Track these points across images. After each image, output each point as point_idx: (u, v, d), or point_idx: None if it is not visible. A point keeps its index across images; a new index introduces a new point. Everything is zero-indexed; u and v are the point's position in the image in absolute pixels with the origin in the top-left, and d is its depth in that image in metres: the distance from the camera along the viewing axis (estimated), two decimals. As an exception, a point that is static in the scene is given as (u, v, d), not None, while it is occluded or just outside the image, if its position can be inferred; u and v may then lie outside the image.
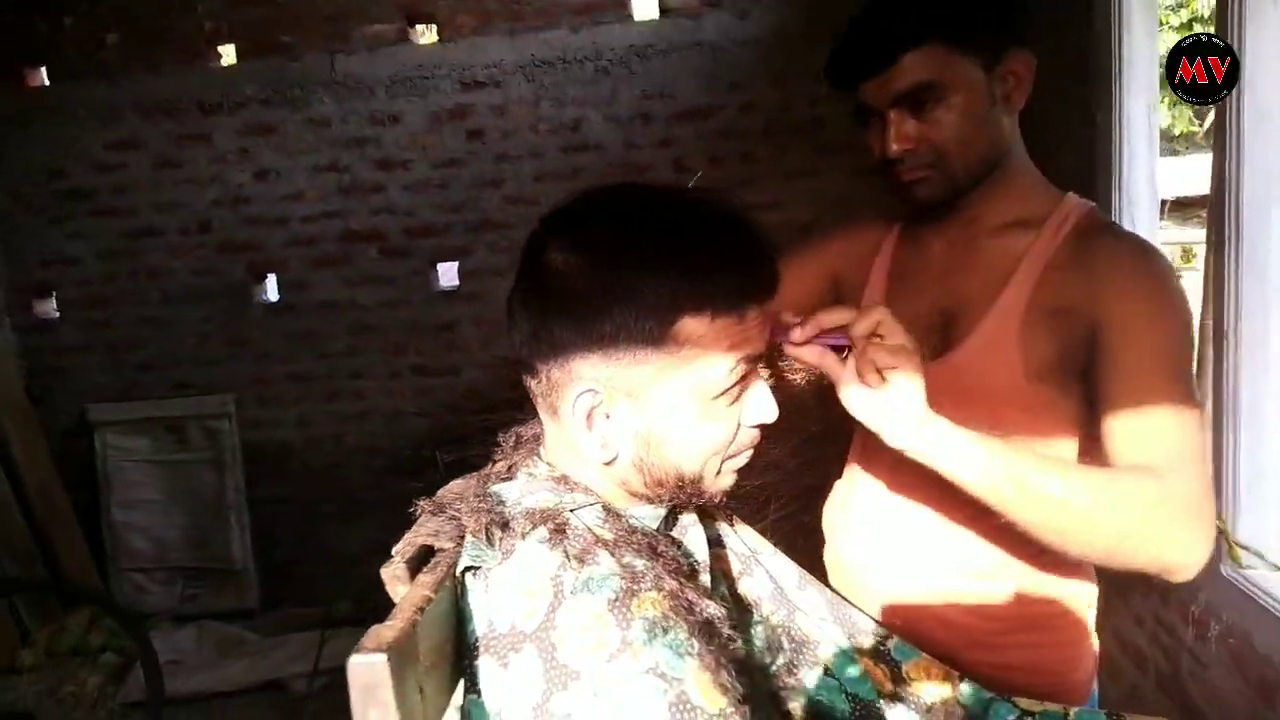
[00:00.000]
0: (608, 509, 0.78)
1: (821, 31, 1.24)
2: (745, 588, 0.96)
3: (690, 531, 0.87)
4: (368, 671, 0.60)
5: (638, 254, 0.71)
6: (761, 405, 0.79)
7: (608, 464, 0.78)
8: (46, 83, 3.67)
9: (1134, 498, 0.90)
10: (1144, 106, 1.99)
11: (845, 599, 1.00)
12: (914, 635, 1.13)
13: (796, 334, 0.86)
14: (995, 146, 1.06)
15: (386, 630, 0.63)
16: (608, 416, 0.75)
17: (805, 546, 1.34)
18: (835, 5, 1.22)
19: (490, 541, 0.74)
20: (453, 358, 3.66)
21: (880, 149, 1.06)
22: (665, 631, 0.66)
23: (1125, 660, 2.08)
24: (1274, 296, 1.51)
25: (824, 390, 1.87)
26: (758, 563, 0.98)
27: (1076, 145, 2.17)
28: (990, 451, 0.87)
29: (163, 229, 3.69)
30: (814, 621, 0.96)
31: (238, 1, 3.54)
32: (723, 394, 0.75)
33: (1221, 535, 1.59)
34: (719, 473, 0.80)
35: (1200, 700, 1.72)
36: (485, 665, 0.70)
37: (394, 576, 0.72)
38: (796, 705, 0.91)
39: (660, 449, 0.76)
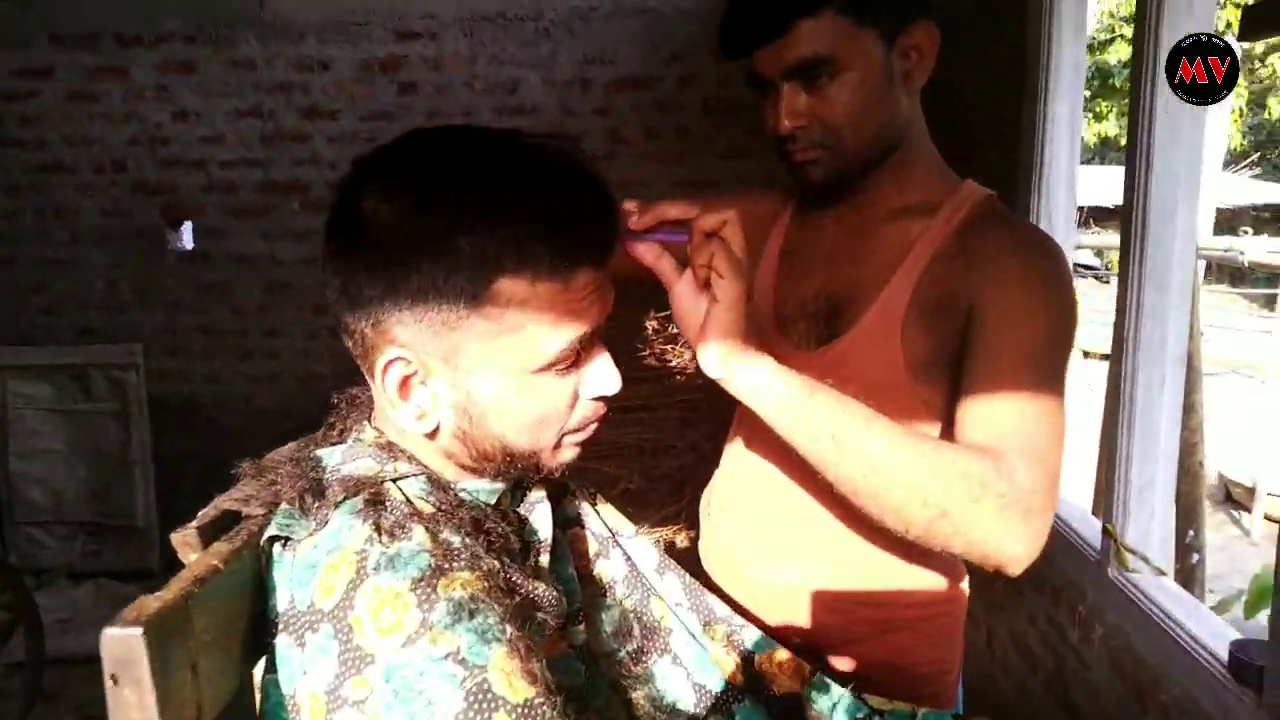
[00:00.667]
0: (434, 480, 0.73)
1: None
2: (600, 569, 0.92)
3: (537, 509, 0.82)
4: (121, 646, 0.54)
5: (452, 204, 0.64)
6: (602, 378, 0.73)
7: (428, 435, 0.72)
8: (-48, 1, 3.46)
9: (961, 475, 0.84)
10: (1068, 109, 1.98)
11: (705, 587, 0.96)
12: (779, 627, 1.10)
13: (634, 220, 0.80)
14: (892, 127, 1.01)
15: (152, 601, 0.57)
16: (424, 384, 0.69)
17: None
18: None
19: (304, 510, 0.69)
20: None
21: (773, 123, 1.00)
22: (472, 615, 0.61)
23: (1017, 658, 2.10)
24: (1173, 306, 1.51)
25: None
26: (616, 544, 0.94)
27: (1002, 141, 2.16)
28: (809, 395, 0.82)
29: (73, 165, 3.52)
30: (668, 607, 0.92)
31: (163, -71, 3.37)
32: (549, 366, 0.69)
33: (1110, 538, 1.60)
34: (557, 446, 0.75)
35: (1082, 701, 1.73)
36: (282, 643, 0.64)
37: (185, 543, 0.66)
38: (640, 694, 0.87)
39: (482, 421, 0.70)
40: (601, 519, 0.95)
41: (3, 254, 3.58)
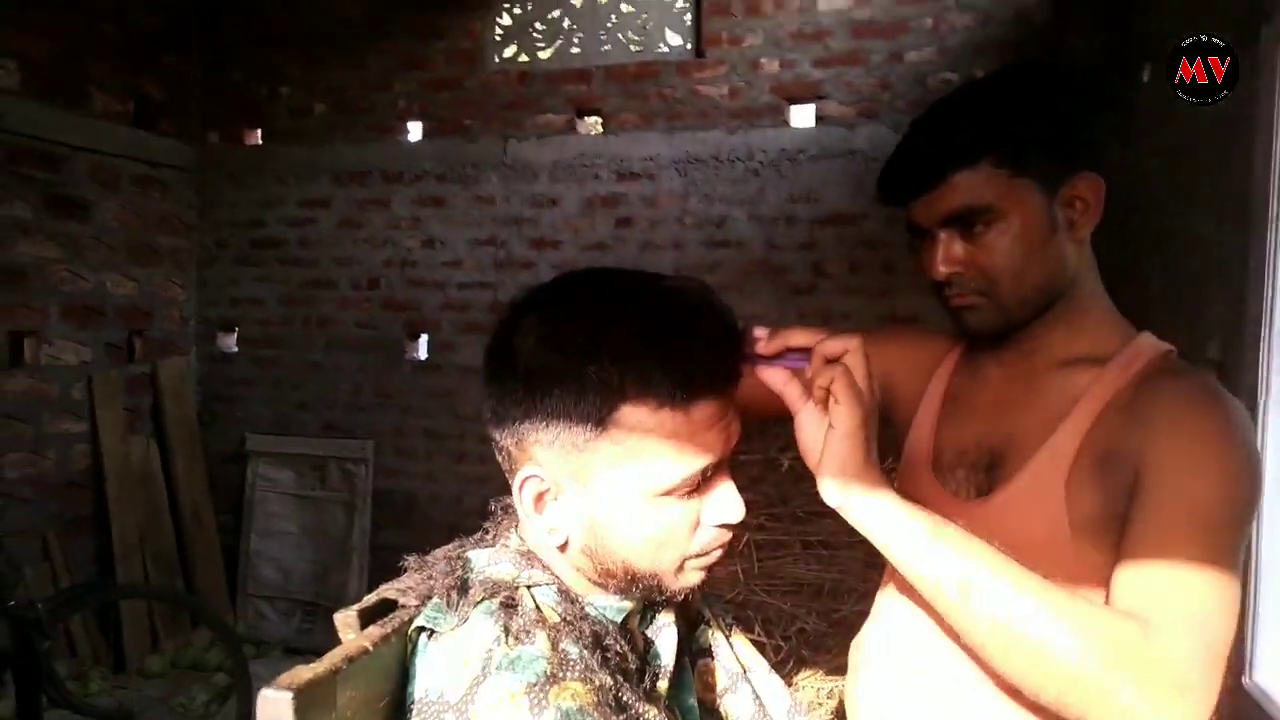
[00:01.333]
0: (564, 591, 0.78)
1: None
2: (727, 704, 0.93)
3: (663, 633, 0.85)
4: (272, 706, 0.62)
5: (583, 337, 0.71)
6: (725, 505, 0.76)
7: (559, 549, 0.78)
8: (260, 142, 4.13)
9: (1101, 638, 0.77)
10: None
11: None
12: None
13: (761, 345, 0.82)
14: (1055, 276, 0.99)
15: (305, 671, 0.65)
16: (556, 500, 0.76)
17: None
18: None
19: (449, 604, 0.76)
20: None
21: (929, 268, 1.01)
22: None
23: None
24: None
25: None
26: (746, 680, 0.94)
27: (1225, 291, 2.01)
28: (933, 534, 0.79)
29: (337, 282, 4.03)
30: None
31: (430, 86, 3.89)
32: (670, 491, 0.73)
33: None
34: (680, 569, 0.77)
35: None
36: None
37: (345, 623, 0.75)
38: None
39: (606, 539, 0.75)
40: (734, 653, 0.96)
41: (271, 354, 4.11)
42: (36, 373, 3.37)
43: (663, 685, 0.81)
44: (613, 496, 0.73)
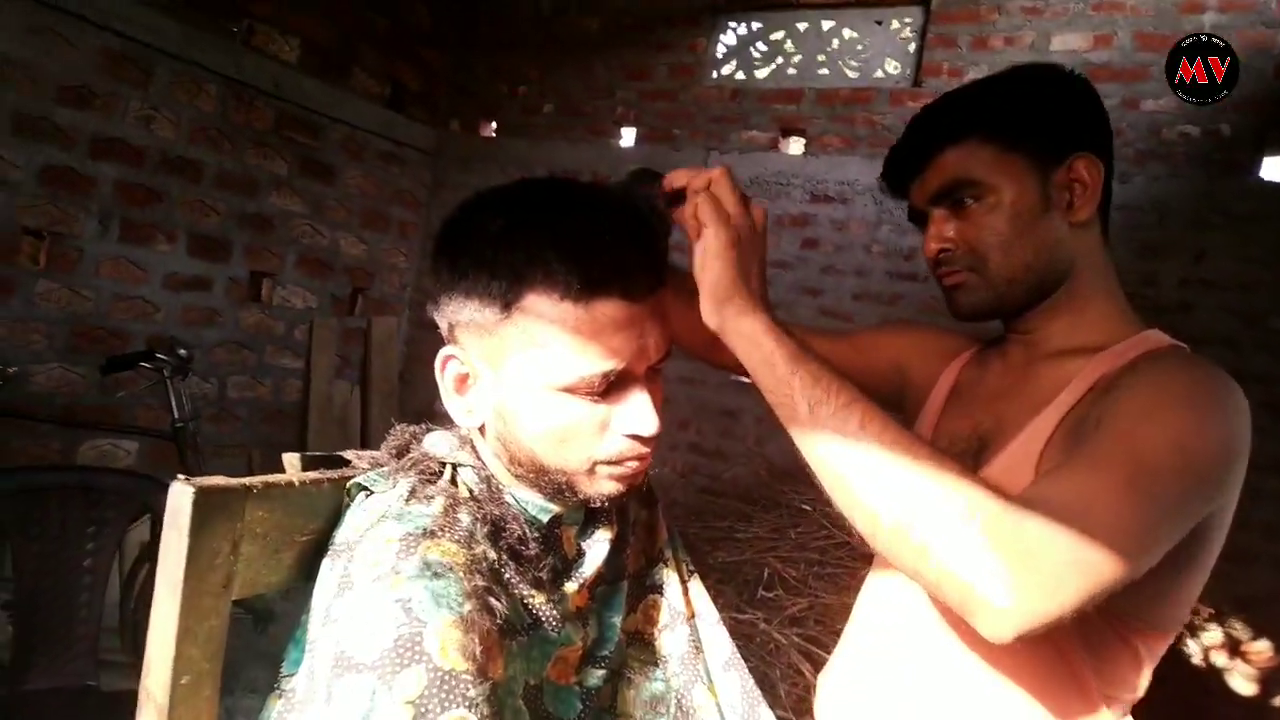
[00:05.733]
0: (488, 478, 0.82)
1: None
2: (663, 640, 0.93)
3: (595, 546, 0.87)
4: (176, 498, 0.71)
5: (502, 225, 0.75)
6: (635, 415, 0.76)
7: (480, 431, 0.82)
8: (494, 135, 4.48)
9: (955, 491, 0.69)
10: None
11: (764, 700, 0.91)
12: None
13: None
14: (1048, 257, 0.95)
15: (218, 479, 0.74)
16: (474, 383, 0.79)
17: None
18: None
19: (389, 471, 0.83)
20: (727, 444, 3.74)
21: (925, 250, 1.01)
22: (436, 577, 0.67)
23: None
24: None
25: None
26: (689, 624, 0.94)
27: None
28: (796, 357, 0.74)
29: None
30: (716, 703, 0.90)
31: (648, 95, 4.06)
32: (573, 387, 0.74)
33: None
34: (592, 474, 0.78)
35: None
36: (323, 566, 0.77)
37: (289, 463, 0.83)
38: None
39: (514, 427, 0.77)
40: (687, 596, 0.96)
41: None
42: (268, 310, 3.84)
43: (570, 586, 0.82)
44: (517, 384, 0.76)
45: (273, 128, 3.71)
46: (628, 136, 4.14)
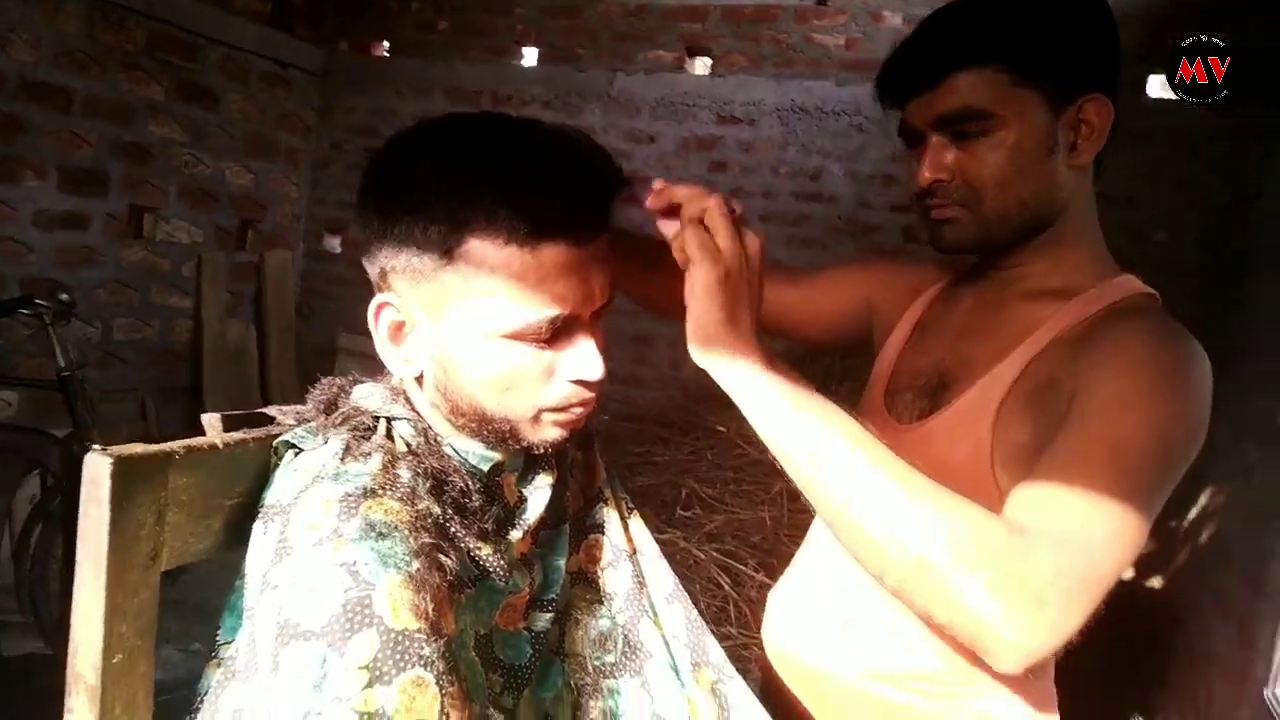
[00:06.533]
0: (424, 430, 0.79)
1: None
2: (606, 578, 0.93)
3: (537, 493, 0.85)
4: (93, 469, 0.66)
5: (438, 167, 0.71)
6: (582, 361, 0.75)
7: (417, 382, 0.78)
8: (386, 54, 4.27)
9: (962, 530, 0.69)
10: None
11: (711, 628, 0.93)
12: None
13: (649, 200, 0.77)
14: (1045, 199, 0.91)
15: (137, 447, 0.69)
16: (411, 332, 0.76)
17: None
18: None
19: (317, 427, 0.79)
20: (642, 371, 3.75)
21: (915, 176, 0.95)
22: (381, 537, 0.65)
23: None
24: None
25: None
26: (631, 560, 0.94)
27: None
28: (794, 402, 0.72)
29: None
30: (661, 635, 0.91)
31: (548, 12, 3.92)
32: (519, 333, 0.72)
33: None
34: (537, 421, 0.77)
35: None
36: (255, 528, 0.73)
37: (209, 424, 0.79)
38: (596, 705, 0.86)
39: (454, 375, 0.75)
40: (628, 533, 0.96)
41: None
42: (152, 246, 3.62)
43: (514, 535, 0.81)
44: (460, 332, 0.73)
45: (145, 49, 3.44)
46: (529, 56, 4.00)
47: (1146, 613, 2.63)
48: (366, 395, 0.82)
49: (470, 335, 0.73)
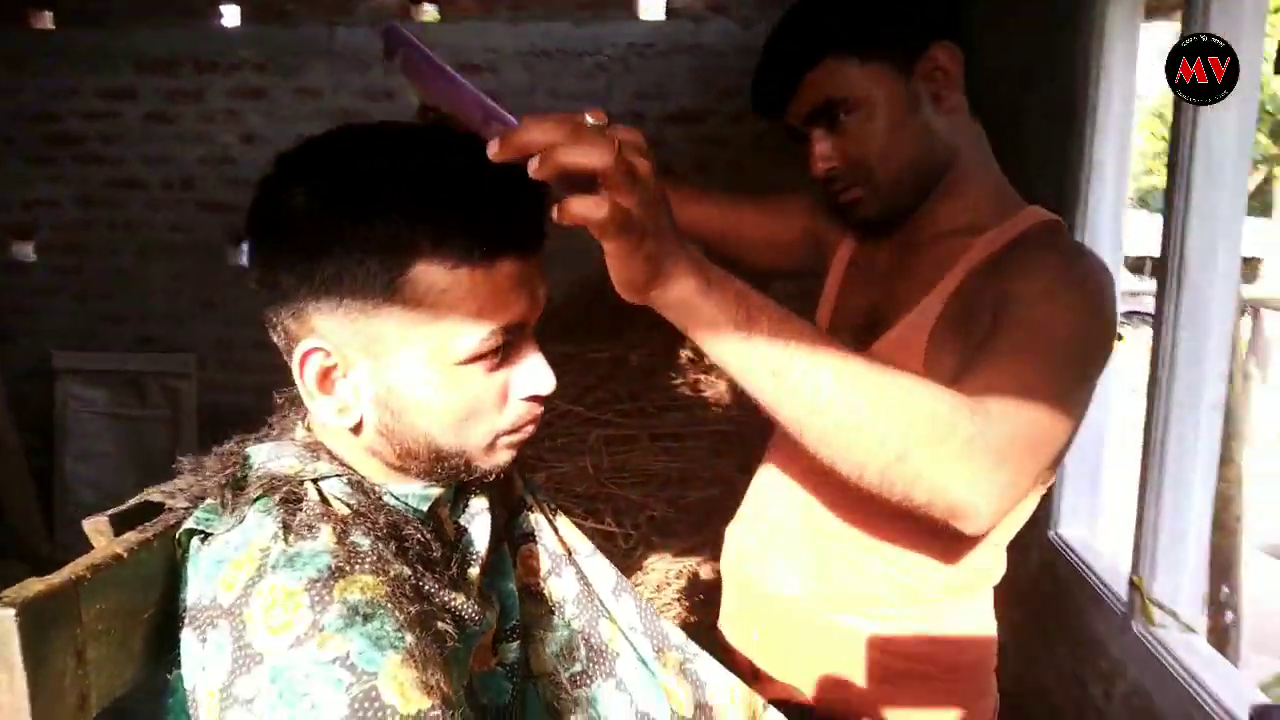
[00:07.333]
0: (355, 483, 0.71)
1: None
2: (550, 587, 0.89)
3: (476, 520, 0.80)
4: (-9, 625, 0.53)
5: (363, 189, 0.63)
6: (534, 376, 0.70)
7: (352, 431, 0.70)
8: (51, 26, 3.66)
9: (926, 413, 0.73)
10: (1115, 149, 1.90)
11: (658, 614, 0.93)
12: (783, 663, 1.05)
13: (496, 151, 0.59)
14: (928, 152, 0.99)
15: (36, 583, 0.56)
16: (345, 377, 0.68)
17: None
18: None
19: (223, 505, 0.68)
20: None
21: (810, 170, 1.02)
22: (367, 620, 0.59)
23: (1040, 709, 2.00)
24: (1211, 349, 1.42)
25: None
26: (571, 562, 0.91)
27: (1052, 180, 2.08)
28: (744, 319, 0.69)
29: (145, 182, 3.67)
30: (620, 630, 0.89)
31: (243, -38, 3.53)
32: (471, 360, 0.66)
33: (1136, 591, 1.50)
34: (492, 448, 0.72)
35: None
36: (186, 638, 0.63)
37: (96, 530, 0.66)
38: (581, 718, 0.84)
39: (404, 416, 0.68)
40: (559, 536, 0.93)
41: (73, 262, 3.74)
42: None
43: (473, 572, 0.76)
44: (410, 367, 0.66)
45: None
46: (230, 15, 3.59)
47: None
48: (273, 457, 0.72)
49: (422, 369, 0.66)
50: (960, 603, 1.03)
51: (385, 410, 0.68)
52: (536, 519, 0.91)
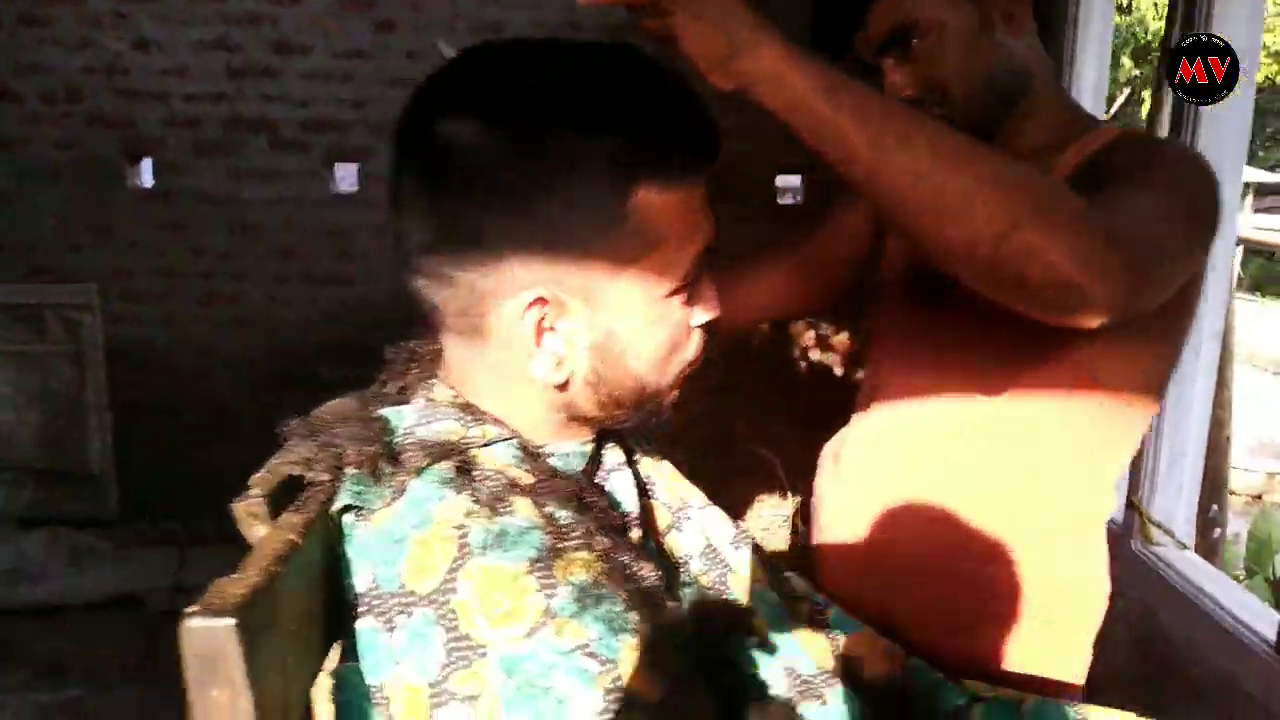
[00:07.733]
0: (525, 447, 0.65)
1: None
2: (673, 542, 0.85)
3: (613, 476, 0.75)
4: (208, 638, 0.45)
5: (572, 111, 0.58)
6: (708, 300, 0.68)
7: (559, 387, 0.65)
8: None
9: (1031, 182, 0.72)
10: (1094, 75, 1.92)
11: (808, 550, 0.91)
12: (888, 599, 1.03)
13: None
14: (1004, 69, 0.98)
15: (235, 585, 0.48)
16: (553, 329, 0.62)
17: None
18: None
19: (376, 476, 0.61)
20: (346, 268, 3.41)
21: None
22: (599, 601, 0.55)
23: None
24: (1212, 279, 1.47)
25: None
26: (688, 516, 0.87)
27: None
28: (830, 91, 0.68)
29: (21, 95, 3.28)
30: (748, 584, 0.86)
31: None
32: (677, 289, 0.64)
33: (1135, 510, 1.58)
34: (677, 384, 0.70)
35: (1102, 677, 1.73)
36: (365, 627, 0.57)
37: (250, 514, 0.57)
38: (727, 679, 0.81)
39: (620, 361, 0.64)
40: (671, 486, 0.88)
41: (-57, 186, 3.34)
42: None
43: (635, 535, 0.72)
44: (626, 306, 0.63)
45: None
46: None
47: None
48: (423, 421, 0.65)
49: (637, 304, 0.63)
50: (1070, 545, 1.03)
51: (600, 357, 0.64)
52: (648, 470, 0.87)
